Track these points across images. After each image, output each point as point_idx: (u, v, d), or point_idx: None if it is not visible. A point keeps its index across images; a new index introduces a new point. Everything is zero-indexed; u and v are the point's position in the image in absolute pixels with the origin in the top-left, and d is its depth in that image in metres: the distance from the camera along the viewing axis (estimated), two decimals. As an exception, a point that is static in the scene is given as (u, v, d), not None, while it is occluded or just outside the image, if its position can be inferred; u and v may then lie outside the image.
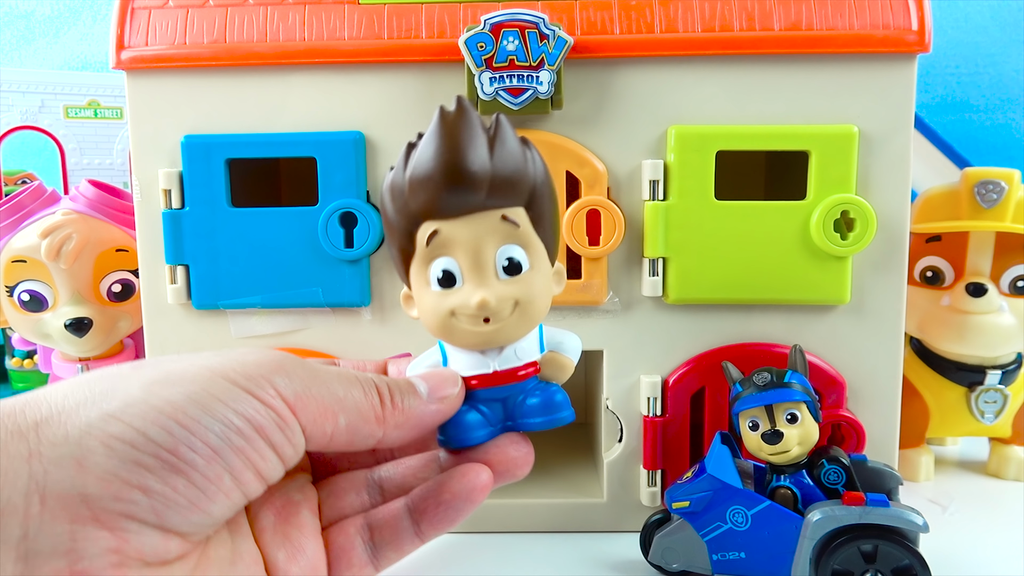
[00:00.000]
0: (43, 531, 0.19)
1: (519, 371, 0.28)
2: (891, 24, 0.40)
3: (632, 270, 0.43)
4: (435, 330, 0.28)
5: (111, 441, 0.20)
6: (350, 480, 0.29)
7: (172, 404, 0.21)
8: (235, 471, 0.22)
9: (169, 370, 0.23)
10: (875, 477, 0.38)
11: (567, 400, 0.28)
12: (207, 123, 0.42)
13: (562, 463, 0.51)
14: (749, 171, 0.53)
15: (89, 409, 0.21)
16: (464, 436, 0.27)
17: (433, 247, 0.27)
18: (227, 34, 0.41)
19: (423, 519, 0.27)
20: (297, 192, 0.50)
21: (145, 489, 0.20)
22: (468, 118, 0.26)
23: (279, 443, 0.23)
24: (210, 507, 0.22)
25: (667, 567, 0.38)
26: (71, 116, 0.72)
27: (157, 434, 0.21)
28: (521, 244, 0.27)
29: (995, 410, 0.51)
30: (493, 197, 0.26)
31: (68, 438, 0.20)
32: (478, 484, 0.27)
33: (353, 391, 0.25)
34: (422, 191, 0.26)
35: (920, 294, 0.51)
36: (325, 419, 0.24)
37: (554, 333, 0.29)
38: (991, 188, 0.48)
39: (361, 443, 0.25)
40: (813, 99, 0.41)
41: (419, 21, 0.41)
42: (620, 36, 0.41)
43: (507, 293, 0.27)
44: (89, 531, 0.20)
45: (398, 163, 0.28)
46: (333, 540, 0.27)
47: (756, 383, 0.37)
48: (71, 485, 0.20)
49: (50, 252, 0.49)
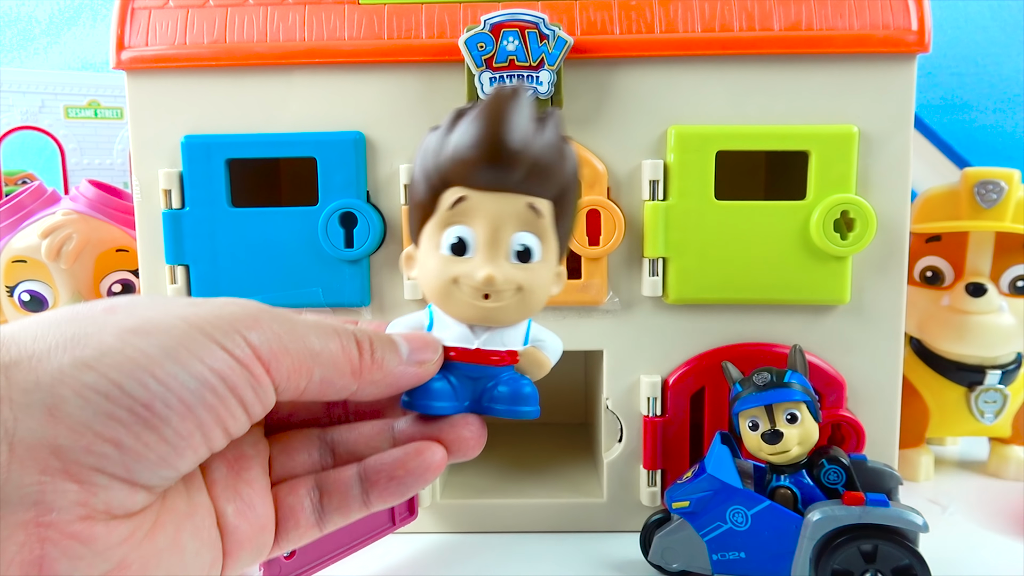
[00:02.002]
0: (11, 481, 0.19)
1: (499, 355, 0.28)
2: (891, 24, 0.40)
3: (632, 270, 0.43)
4: (433, 293, 0.28)
5: (85, 391, 0.20)
6: (303, 438, 0.29)
7: (148, 356, 0.21)
8: (205, 428, 0.22)
9: (144, 318, 0.22)
10: (875, 477, 0.38)
11: (535, 396, 0.28)
12: (207, 123, 0.42)
13: (562, 463, 0.51)
14: (749, 171, 0.53)
15: (61, 354, 0.20)
16: (429, 403, 0.27)
17: (455, 212, 0.27)
18: (227, 34, 0.41)
19: (373, 490, 0.27)
20: (297, 192, 0.50)
21: (117, 443, 0.20)
22: (522, 102, 0.27)
23: (249, 401, 0.23)
24: (178, 462, 0.22)
25: (667, 567, 0.38)
26: (71, 116, 0.72)
27: (132, 387, 0.20)
28: (538, 234, 0.28)
29: (995, 410, 0.51)
30: (526, 182, 0.27)
31: (39, 384, 0.20)
32: (432, 463, 0.27)
33: (330, 343, 0.25)
34: (462, 157, 0.27)
35: (920, 294, 0.51)
36: (299, 375, 0.24)
37: (540, 331, 0.30)
38: (991, 188, 0.48)
39: (334, 395, 0.25)
40: (813, 99, 0.41)
41: (419, 21, 0.41)
42: (620, 36, 0.41)
43: (513, 276, 0.27)
44: (58, 483, 0.19)
45: (443, 124, 0.28)
46: (283, 498, 0.27)
47: (756, 383, 0.37)
48: (42, 435, 0.19)
49: (50, 252, 0.49)
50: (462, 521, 0.45)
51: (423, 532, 0.45)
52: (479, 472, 0.50)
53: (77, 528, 0.20)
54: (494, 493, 0.46)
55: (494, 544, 0.44)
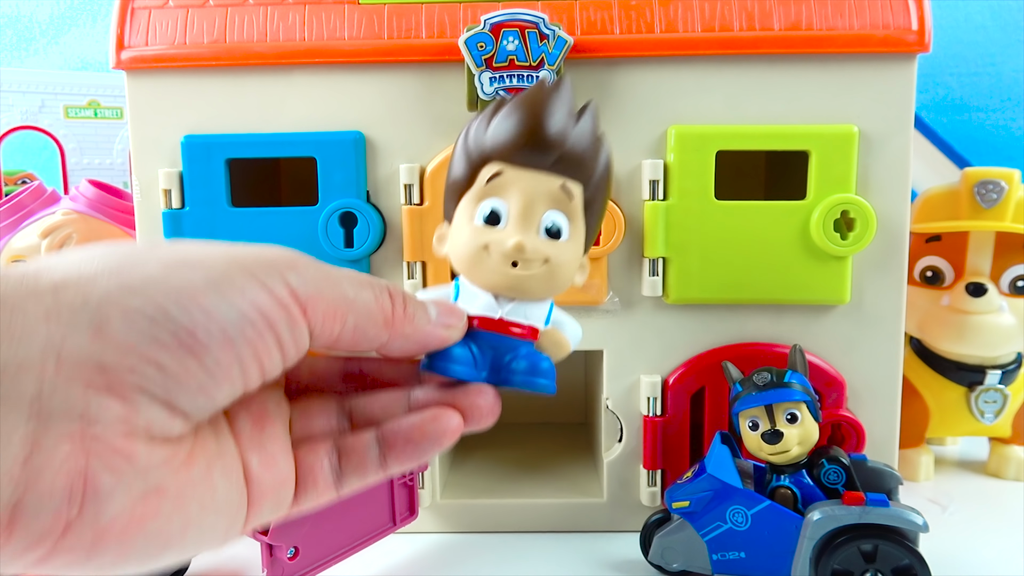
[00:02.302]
0: (57, 392, 0.19)
1: (521, 328, 0.29)
2: (891, 24, 0.40)
3: (632, 270, 0.43)
4: (463, 261, 0.29)
5: (131, 313, 0.21)
6: (321, 403, 0.29)
7: (193, 285, 0.21)
8: (243, 361, 0.22)
9: (188, 252, 0.23)
10: (875, 477, 0.38)
11: (553, 373, 0.29)
12: (207, 123, 0.42)
13: (562, 463, 0.51)
14: (749, 171, 0.53)
15: (108, 279, 0.21)
16: (449, 365, 0.28)
17: (491, 186, 0.29)
18: (227, 34, 0.41)
19: (391, 452, 0.28)
20: (297, 192, 0.50)
21: (160, 365, 0.21)
22: (564, 93, 0.29)
23: (285, 340, 0.23)
24: (216, 393, 0.22)
25: (667, 567, 0.38)
26: (71, 116, 0.72)
27: (177, 313, 0.21)
28: (568, 215, 0.29)
29: (995, 410, 0.51)
30: (560, 165, 0.28)
31: (87, 304, 0.20)
32: (449, 428, 0.27)
33: (364, 292, 0.25)
34: (502, 136, 0.28)
35: (920, 294, 0.51)
36: (334, 320, 0.24)
37: (561, 315, 0.31)
38: (991, 188, 0.48)
39: (366, 345, 0.26)
40: (813, 99, 0.41)
41: (419, 21, 0.41)
42: (620, 36, 0.41)
43: (542, 248, 0.28)
44: (103, 398, 0.20)
45: (487, 111, 0.30)
46: (302, 458, 0.27)
47: (756, 383, 0.37)
48: (88, 351, 0.20)
49: (50, 252, 0.49)
50: (462, 521, 0.45)
51: (423, 532, 0.45)
52: (479, 472, 0.50)
53: (120, 443, 0.20)
54: (494, 493, 0.46)
55: (494, 544, 0.44)
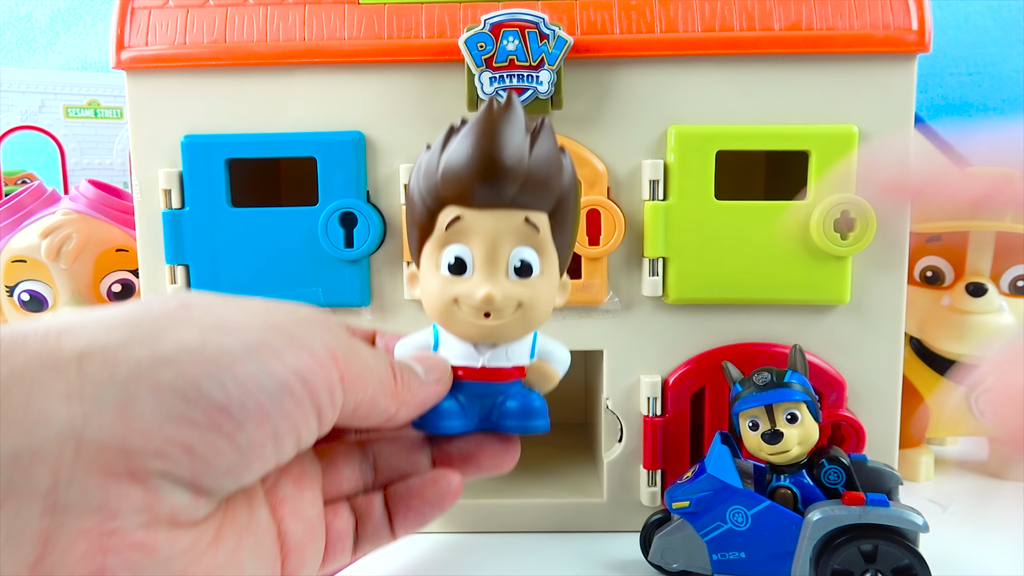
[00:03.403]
0: (75, 482, 0.18)
1: (506, 372, 0.28)
2: (891, 24, 0.40)
3: (632, 270, 0.43)
4: (435, 314, 0.28)
5: (161, 390, 0.19)
6: (347, 453, 0.28)
7: (230, 354, 0.20)
8: (279, 437, 0.21)
9: (221, 315, 0.21)
10: (875, 477, 0.38)
11: (545, 410, 0.28)
12: (207, 123, 0.42)
13: (562, 463, 0.51)
14: (749, 171, 0.53)
15: (138, 349, 0.19)
16: (438, 423, 0.27)
17: (452, 232, 0.27)
18: (227, 34, 0.41)
19: (396, 519, 0.27)
20: (297, 192, 0.50)
21: (188, 449, 0.19)
22: (514, 114, 0.27)
23: (324, 407, 0.22)
24: (245, 473, 0.20)
25: (667, 567, 0.38)
26: (71, 116, 0.72)
27: (210, 388, 0.19)
28: (536, 249, 0.27)
29: (995, 410, 0.51)
30: (521, 197, 0.26)
31: (114, 380, 0.18)
32: (450, 490, 0.27)
33: (380, 362, 0.24)
34: (454, 176, 0.26)
35: (920, 294, 0.51)
36: (361, 385, 0.23)
37: (546, 342, 0.30)
38: (991, 188, 0.48)
39: (375, 418, 0.25)
40: (813, 99, 0.41)
41: (419, 21, 0.41)
42: (620, 36, 0.41)
43: (513, 292, 0.27)
44: (123, 487, 0.18)
45: (436, 143, 0.28)
46: (331, 523, 0.26)
47: (756, 383, 0.37)
48: (111, 434, 0.18)
49: (50, 252, 0.49)
50: (462, 521, 0.45)
51: (424, 532, 0.45)
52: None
53: (140, 537, 0.19)
54: (494, 493, 0.46)
55: (494, 544, 0.44)
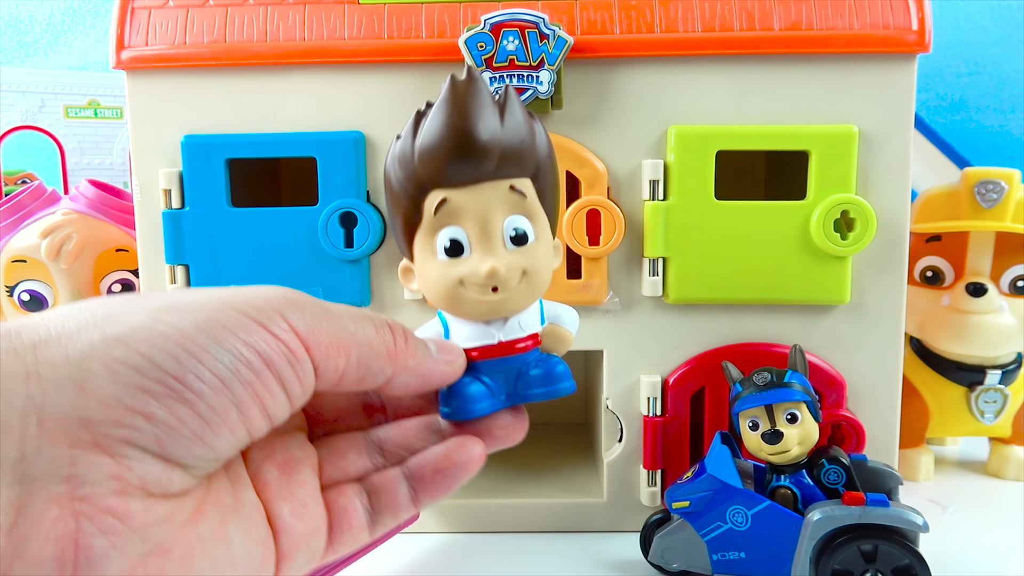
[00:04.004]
0: (41, 454, 0.18)
1: (523, 342, 0.28)
2: (891, 24, 0.40)
3: (632, 270, 0.43)
4: (441, 300, 0.28)
5: (115, 365, 0.20)
6: (349, 441, 0.28)
7: (180, 331, 0.21)
8: (242, 405, 0.21)
9: (176, 299, 0.22)
10: (875, 477, 0.38)
11: (568, 371, 0.28)
12: (207, 123, 0.42)
13: (562, 463, 0.51)
14: (749, 171, 0.53)
15: (91, 332, 0.20)
16: (469, 407, 0.27)
17: (441, 216, 0.27)
18: (227, 34, 0.41)
19: (420, 486, 0.27)
20: (297, 192, 0.50)
21: (149, 416, 0.20)
22: (478, 87, 0.26)
23: (288, 379, 0.22)
24: (214, 440, 0.21)
25: (667, 567, 0.38)
26: (71, 116, 0.72)
27: (164, 360, 0.20)
28: (527, 215, 0.27)
29: (995, 410, 0.51)
30: (502, 167, 0.26)
31: (69, 359, 0.19)
32: (475, 456, 0.27)
33: (365, 326, 0.24)
34: (432, 159, 0.26)
35: (920, 294, 0.51)
36: (337, 354, 0.23)
37: (553, 306, 0.30)
38: (991, 188, 0.48)
39: (371, 380, 0.25)
40: (813, 99, 0.41)
41: (419, 21, 0.41)
42: (620, 36, 0.41)
43: (515, 262, 0.27)
44: (90, 456, 0.19)
45: (405, 131, 0.27)
46: (333, 501, 0.26)
47: (756, 383, 0.37)
48: (71, 408, 0.19)
49: (50, 252, 0.49)
50: (462, 521, 0.45)
51: (424, 532, 0.45)
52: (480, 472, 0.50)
53: (112, 502, 0.19)
54: (494, 493, 0.46)
55: (494, 544, 0.44)
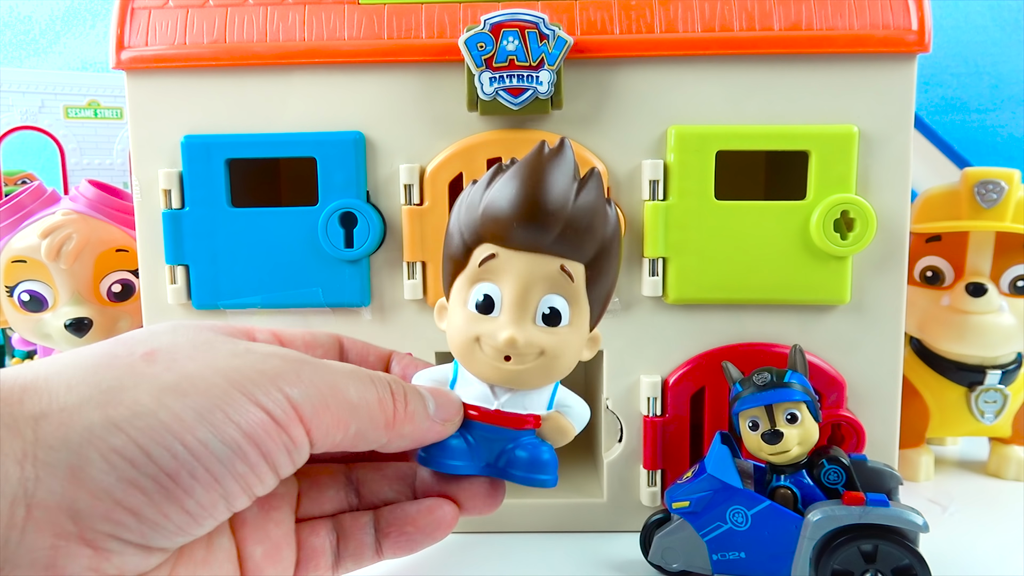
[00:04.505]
0: (24, 543, 0.19)
1: (520, 419, 0.28)
2: (891, 24, 0.40)
3: (632, 270, 0.43)
4: (457, 350, 0.28)
5: (111, 455, 0.20)
6: (331, 475, 0.28)
7: (181, 421, 0.20)
8: (230, 496, 0.21)
9: (183, 373, 0.22)
10: (875, 477, 0.38)
11: (555, 464, 0.28)
12: (207, 123, 0.42)
13: (562, 463, 0.51)
14: (749, 171, 0.53)
15: (93, 412, 0.20)
16: (445, 461, 0.27)
17: (484, 269, 0.27)
18: (227, 34, 0.41)
19: (386, 541, 0.27)
20: (297, 192, 0.50)
21: (137, 513, 0.20)
22: (565, 160, 0.27)
23: (281, 464, 0.22)
24: (196, 530, 0.21)
25: (667, 567, 0.38)
26: (71, 116, 0.72)
27: (160, 455, 0.20)
28: (568, 298, 0.27)
29: (995, 410, 0.51)
30: (560, 243, 0.26)
31: (67, 443, 0.19)
32: (443, 521, 0.27)
33: (368, 395, 0.24)
34: (495, 215, 0.26)
35: (920, 294, 0.51)
36: (337, 429, 0.24)
37: (566, 396, 0.29)
38: (991, 188, 0.48)
39: (363, 447, 0.25)
40: (813, 99, 0.41)
41: (419, 21, 0.41)
42: (620, 36, 0.41)
43: (538, 340, 0.26)
44: (72, 547, 0.19)
45: (483, 179, 0.28)
46: (305, 540, 0.26)
47: (756, 383, 0.37)
48: (62, 497, 0.19)
49: (50, 252, 0.49)
50: (462, 521, 0.45)
51: (423, 532, 0.45)
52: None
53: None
54: (494, 493, 0.46)
55: (494, 544, 0.44)
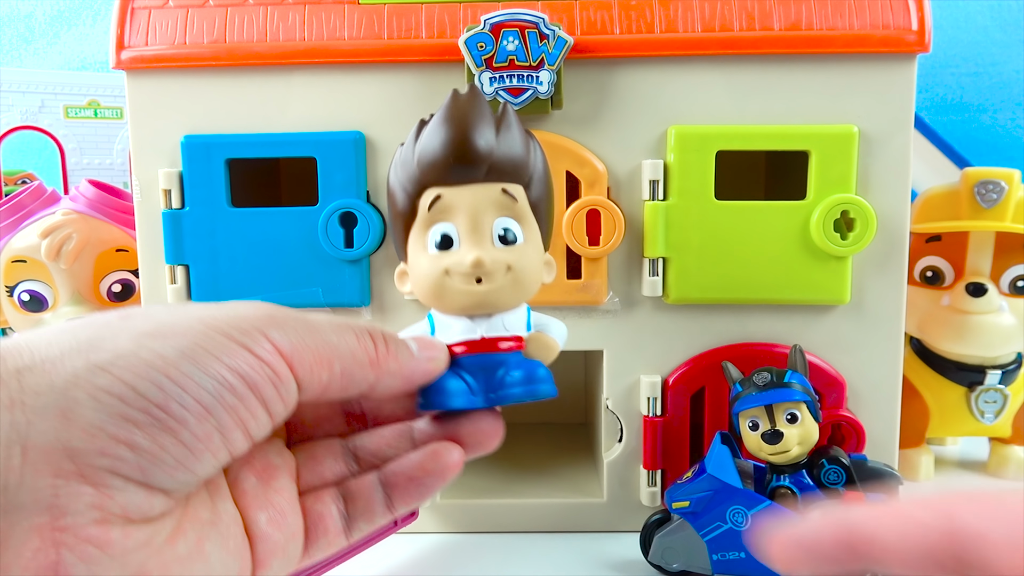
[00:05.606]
0: (24, 484, 0.19)
1: (506, 341, 0.28)
2: (891, 24, 0.40)
3: (632, 270, 0.43)
4: (428, 291, 0.28)
5: (99, 393, 0.20)
6: (327, 447, 0.29)
7: (163, 358, 0.21)
8: (225, 430, 0.21)
9: (160, 322, 0.22)
10: (875, 477, 0.38)
11: (550, 376, 0.28)
12: (207, 123, 0.42)
13: (562, 463, 0.51)
14: (749, 171, 0.53)
15: (75, 359, 0.20)
16: (443, 400, 0.27)
17: (434, 212, 0.28)
18: (227, 34, 0.41)
19: (395, 493, 0.27)
20: (297, 192, 0.50)
21: (132, 445, 0.20)
22: (479, 102, 0.28)
23: (271, 400, 0.22)
24: (196, 466, 0.21)
25: (667, 567, 0.38)
26: (71, 116, 0.72)
27: (147, 389, 0.20)
28: (517, 218, 0.29)
29: (995, 410, 0.51)
30: (495, 172, 0.28)
31: (53, 387, 0.20)
32: (450, 463, 0.27)
33: (346, 337, 0.25)
34: (430, 161, 0.28)
35: (920, 294, 0.51)
36: (321, 368, 0.24)
37: (541, 317, 0.30)
38: (991, 188, 0.48)
39: (355, 389, 0.25)
40: (813, 99, 0.41)
41: (419, 21, 0.41)
42: (620, 36, 0.41)
43: (501, 256, 0.28)
44: (72, 486, 0.19)
45: (409, 138, 0.30)
46: (310, 507, 0.27)
47: (756, 383, 0.37)
48: (55, 437, 0.19)
49: (50, 252, 0.49)
50: (462, 521, 0.45)
51: (423, 532, 0.45)
52: (479, 472, 0.50)
53: (93, 532, 0.19)
54: (494, 493, 0.46)
55: (494, 544, 0.44)
